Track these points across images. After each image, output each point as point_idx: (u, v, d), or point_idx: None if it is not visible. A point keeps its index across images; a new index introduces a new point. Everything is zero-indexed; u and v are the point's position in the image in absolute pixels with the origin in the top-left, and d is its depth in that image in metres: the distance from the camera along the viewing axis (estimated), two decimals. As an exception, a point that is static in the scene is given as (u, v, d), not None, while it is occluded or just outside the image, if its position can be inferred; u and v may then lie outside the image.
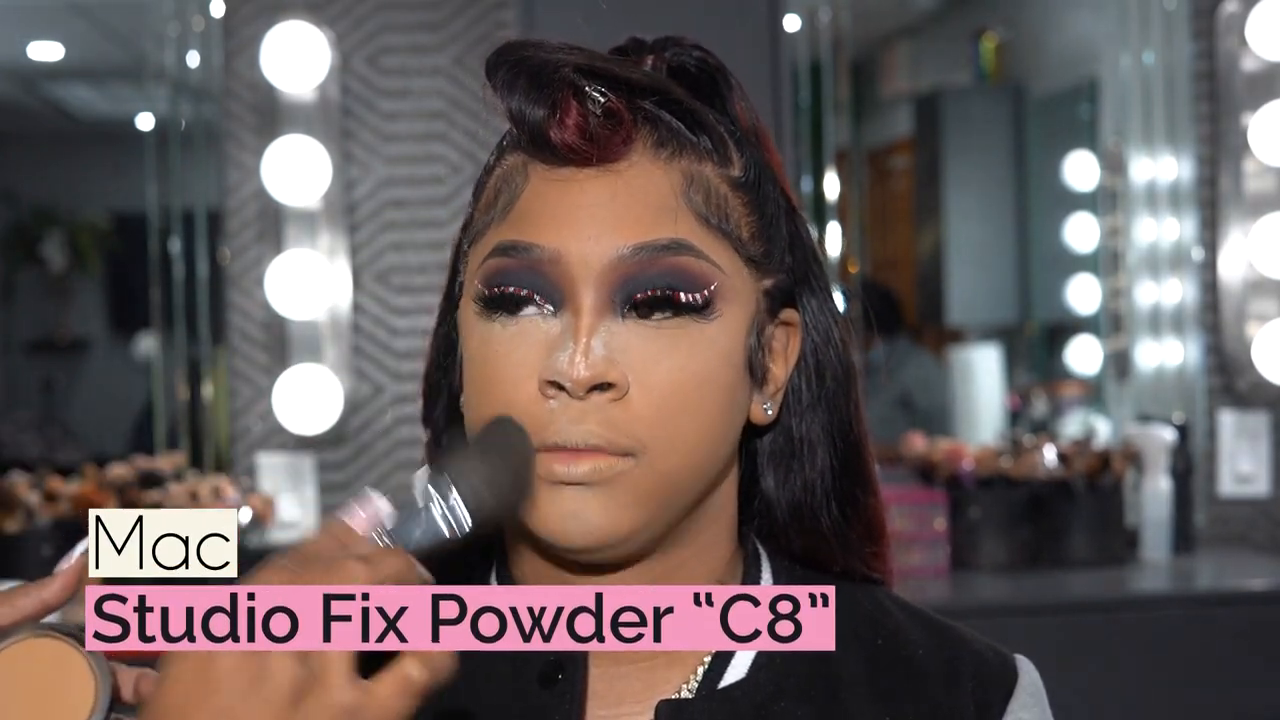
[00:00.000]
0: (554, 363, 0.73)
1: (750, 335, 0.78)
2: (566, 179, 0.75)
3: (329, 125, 2.84)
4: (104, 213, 3.63)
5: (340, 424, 2.83)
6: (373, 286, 2.89)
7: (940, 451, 2.86)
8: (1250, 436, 3.00)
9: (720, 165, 0.78)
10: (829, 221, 3.19)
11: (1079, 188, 3.58)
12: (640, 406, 0.73)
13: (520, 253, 0.75)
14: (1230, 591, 2.65)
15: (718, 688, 0.79)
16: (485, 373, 0.76)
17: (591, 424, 0.73)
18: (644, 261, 0.74)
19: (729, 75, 0.83)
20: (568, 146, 0.74)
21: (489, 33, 2.89)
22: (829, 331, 0.83)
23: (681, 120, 0.77)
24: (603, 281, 0.74)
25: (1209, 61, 3.03)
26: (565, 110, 0.74)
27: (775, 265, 0.80)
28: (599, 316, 0.74)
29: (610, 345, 0.73)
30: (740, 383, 0.78)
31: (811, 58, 3.19)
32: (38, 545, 2.63)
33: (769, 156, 0.83)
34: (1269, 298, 2.98)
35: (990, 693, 0.81)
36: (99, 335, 3.67)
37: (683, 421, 0.74)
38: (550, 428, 0.73)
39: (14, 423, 3.52)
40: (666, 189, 0.75)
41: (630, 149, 0.75)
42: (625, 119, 0.75)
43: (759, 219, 0.79)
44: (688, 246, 0.74)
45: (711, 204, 0.76)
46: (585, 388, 0.72)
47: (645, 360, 0.74)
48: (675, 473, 0.75)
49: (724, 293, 0.76)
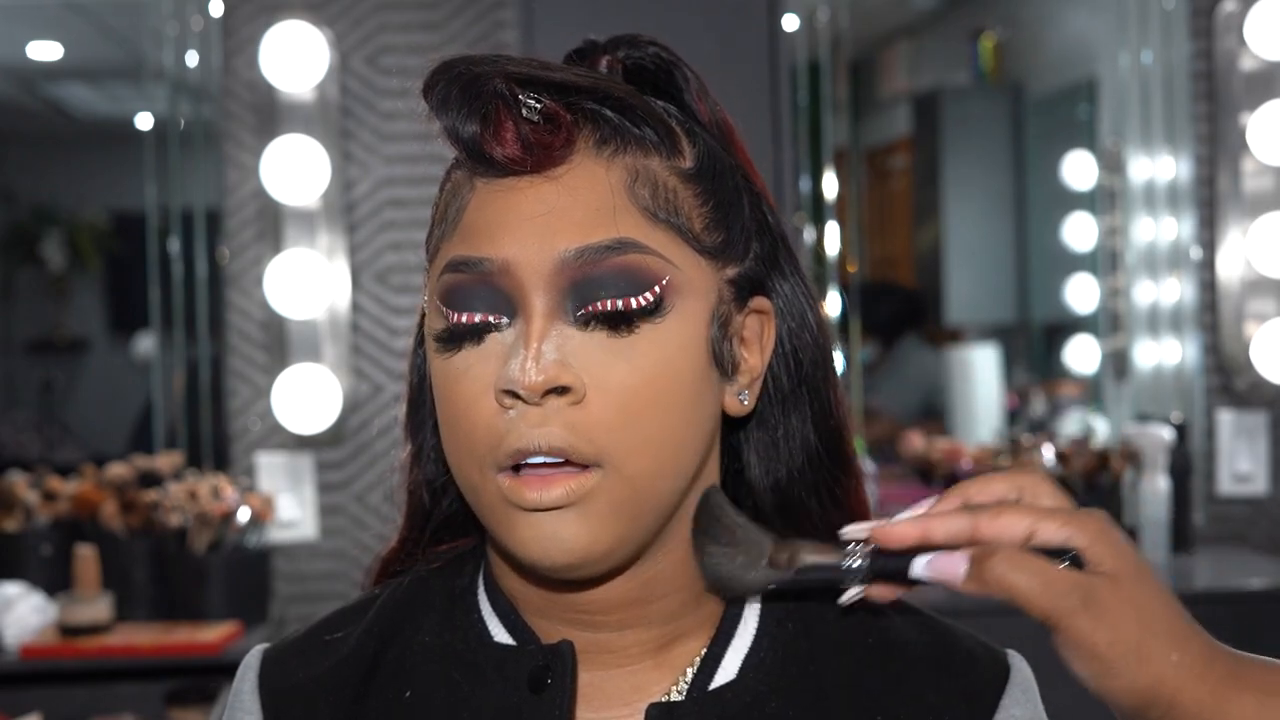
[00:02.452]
0: (507, 371, 0.72)
1: (712, 326, 0.77)
2: (509, 188, 0.75)
3: (328, 125, 2.84)
4: (103, 212, 3.63)
5: (339, 423, 2.83)
6: (372, 286, 2.89)
7: (938, 451, 2.86)
8: (1248, 436, 3.01)
9: (668, 158, 0.77)
10: (827, 221, 3.19)
11: (1077, 187, 3.58)
12: (600, 410, 0.73)
13: (470, 267, 0.75)
14: (1229, 591, 2.65)
15: (708, 689, 0.79)
16: (448, 393, 0.76)
17: (553, 427, 0.72)
18: (588, 263, 0.73)
19: (686, 69, 0.83)
20: (505, 157, 0.74)
21: (489, 33, 2.89)
22: (804, 317, 0.83)
23: (624, 115, 0.76)
24: (551, 286, 0.73)
25: (1207, 61, 3.03)
26: (498, 122, 0.74)
27: (738, 254, 0.79)
28: (550, 321, 0.73)
29: (563, 349, 0.73)
30: (704, 376, 0.77)
31: (810, 57, 3.19)
32: (36, 544, 2.63)
33: (734, 147, 0.83)
34: (1267, 297, 2.99)
35: (982, 689, 0.81)
36: (98, 335, 3.67)
37: (646, 422, 0.73)
38: (510, 435, 0.73)
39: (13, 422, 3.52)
40: (607, 188, 0.74)
41: (572, 151, 0.75)
42: (563, 121, 0.74)
43: (714, 209, 0.78)
44: (632, 244, 0.74)
45: (659, 198, 0.76)
46: (539, 392, 0.72)
47: (601, 363, 0.73)
48: (646, 476, 0.74)
49: (676, 287, 0.75)
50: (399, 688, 0.81)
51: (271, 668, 0.85)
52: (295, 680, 0.83)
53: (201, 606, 2.53)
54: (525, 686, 0.78)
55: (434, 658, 0.82)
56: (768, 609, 0.82)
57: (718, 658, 0.80)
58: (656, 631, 0.80)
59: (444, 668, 0.81)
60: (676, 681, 0.80)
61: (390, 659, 0.82)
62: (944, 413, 3.55)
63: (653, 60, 0.83)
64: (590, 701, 0.80)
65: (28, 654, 2.39)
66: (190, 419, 3.00)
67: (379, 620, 0.84)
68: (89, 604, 2.43)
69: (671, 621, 0.80)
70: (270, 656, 0.86)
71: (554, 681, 0.78)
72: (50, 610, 2.48)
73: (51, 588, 2.54)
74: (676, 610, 0.80)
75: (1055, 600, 0.67)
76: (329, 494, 2.88)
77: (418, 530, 0.88)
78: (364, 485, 2.88)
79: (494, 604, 0.83)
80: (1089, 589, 0.67)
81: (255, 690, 0.84)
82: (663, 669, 0.80)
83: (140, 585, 2.57)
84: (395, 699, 0.81)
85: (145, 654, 2.41)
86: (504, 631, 0.81)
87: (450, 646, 0.82)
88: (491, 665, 0.80)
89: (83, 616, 2.43)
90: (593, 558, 0.74)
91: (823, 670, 0.80)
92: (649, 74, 0.83)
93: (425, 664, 0.82)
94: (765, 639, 0.81)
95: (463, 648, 0.81)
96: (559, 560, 0.74)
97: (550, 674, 0.78)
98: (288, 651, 0.86)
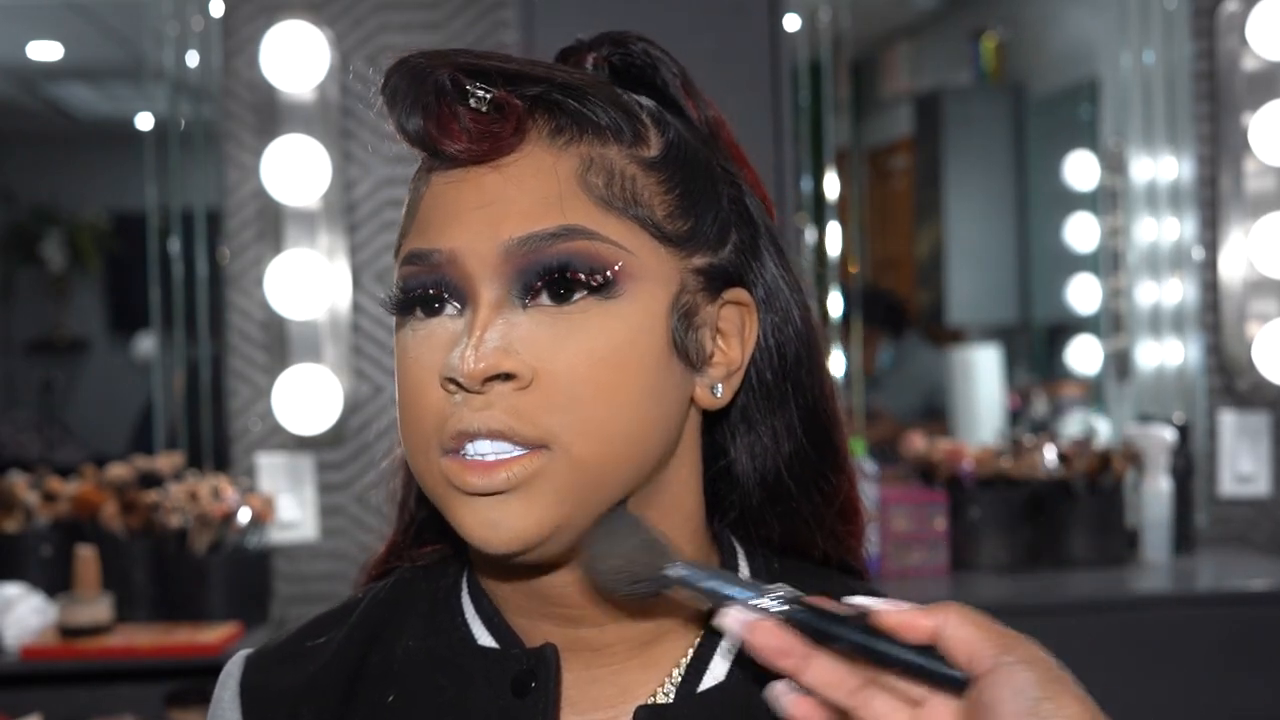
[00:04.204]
0: (449, 360, 0.73)
1: (673, 316, 0.76)
2: (459, 180, 0.75)
3: (328, 125, 2.83)
4: (103, 212, 3.63)
5: (340, 424, 2.83)
6: (372, 286, 2.89)
7: (940, 451, 2.86)
8: (1250, 436, 3.00)
9: (630, 146, 0.77)
10: (829, 221, 3.19)
11: (1079, 187, 3.57)
12: (547, 393, 0.72)
13: (422, 259, 0.75)
14: (1230, 592, 2.65)
15: (696, 691, 0.79)
16: (400, 380, 0.77)
17: (495, 411, 0.72)
18: (534, 250, 0.73)
19: (672, 65, 0.83)
20: (452, 149, 0.74)
21: (489, 33, 2.89)
22: (788, 309, 0.82)
23: (582, 104, 0.76)
24: (497, 275, 0.73)
25: (1209, 61, 3.03)
26: (441, 114, 0.74)
27: (708, 244, 0.79)
28: (496, 310, 0.73)
29: (509, 336, 0.73)
30: (663, 365, 0.75)
31: (811, 57, 3.19)
32: (37, 545, 2.63)
33: (723, 141, 0.83)
34: (1269, 297, 2.98)
35: None
36: (98, 335, 3.66)
37: (596, 406, 0.72)
38: (453, 419, 0.73)
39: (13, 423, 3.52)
40: (556, 176, 0.74)
41: (523, 140, 0.75)
42: (514, 110, 0.74)
43: (680, 197, 0.77)
44: (580, 231, 0.73)
45: (615, 186, 0.75)
46: (479, 380, 0.71)
47: (549, 346, 0.73)
48: (594, 461, 0.73)
49: (630, 273, 0.74)
50: (383, 692, 0.81)
51: (253, 675, 0.84)
52: (278, 687, 0.83)
53: (202, 607, 2.53)
54: (509, 691, 0.78)
55: (418, 662, 0.81)
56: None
57: (705, 659, 0.80)
58: (639, 627, 0.79)
59: (428, 672, 0.81)
60: (663, 683, 0.79)
61: (374, 663, 0.82)
62: (946, 413, 3.55)
63: (638, 57, 0.83)
64: (576, 704, 0.79)
65: (28, 655, 2.39)
66: (190, 419, 3.00)
67: (362, 625, 0.84)
68: (89, 605, 2.43)
69: (652, 615, 0.79)
70: (252, 663, 0.85)
71: (538, 685, 0.77)
72: (50, 611, 2.48)
73: (52, 589, 2.54)
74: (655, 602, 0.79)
75: None
76: (329, 495, 2.88)
77: (403, 534, 0.88)
78: (364, 486, 2.87)
79: (477, 606, 0.82)
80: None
81: (236, 698, 0.84)
82: (649, 669, 0.80)
83: (140, 586, 2.57)
84: (379, 704, 0.80)
85: (145, 655, 2.40)
86: (487, 634, 0.81)
87: (434, 650, 0.81)
88: (475, 669, 0.79)
89: (83, 617, 2.42)
90: (535, 542, 0.73)
91: None
92: (635, 70, 0.83)
93: (409, 668, 0.81)
94: None
95: (446, 652, 0.81)
96: (500, 547, 0.73)
97: (534, 678, 0.78)
98: (270, 658, 0.85)
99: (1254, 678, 2.48)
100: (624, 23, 0.88)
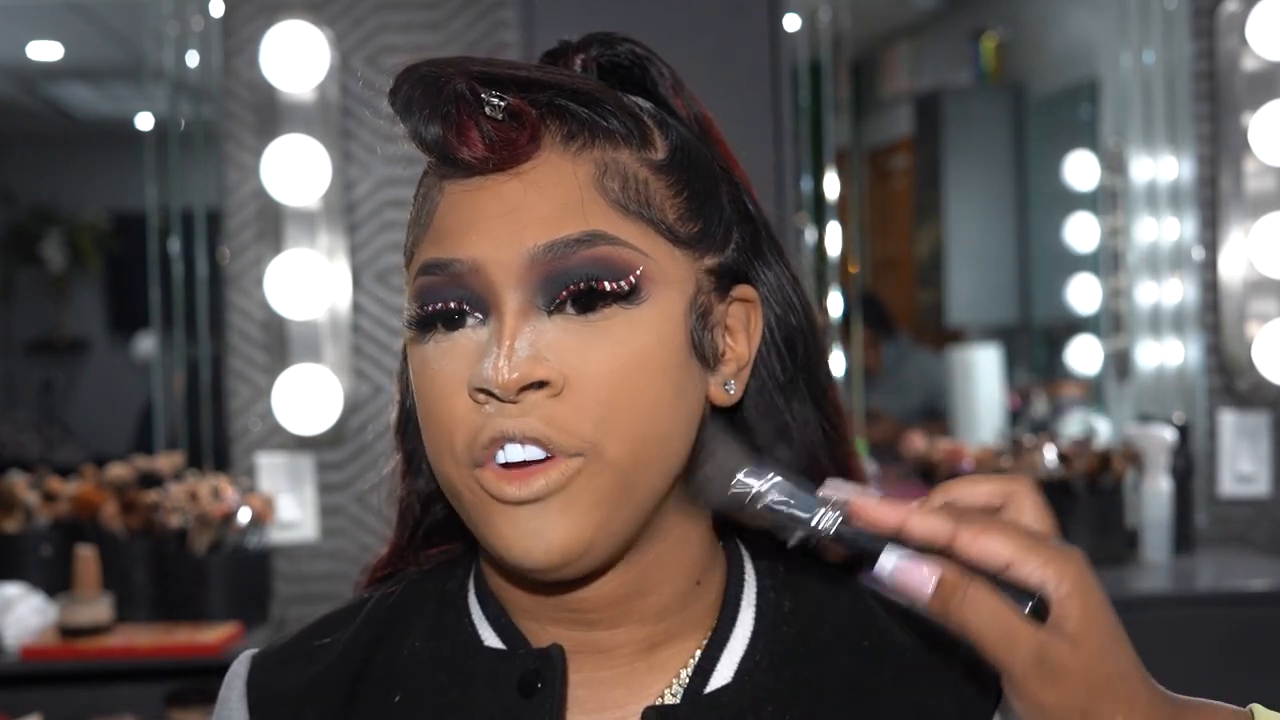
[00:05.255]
0: (480, 370, 0.72)
1: (691, 316, 0.77)
2: (477, 188, 0.75)
3: (328, 125, 2.83)
4: (103, 212, 3.63)
5: (340, 424, 2.83)
6: (372, 286, 2.89)
7: (940, 451, 2.86)
8: (1251, 436, 3.00)
9: (639, 150, 0.77)
10: (829, 221, 3.19)
11: (1079, 187, 3.57)
12: (580, 400, 0.72)
13: (442, 269, 0.74)
14: (1230, 592, 2.65)
15: (703, 692, 0.78)
16: (424, 392, 0.76)
17: (532, 419, 0.72)
18: (559, 257, 0.73)
19: (660, 64, 0.83)
20: (470, 157, 0.74)
21: (489, 33, 2.89)
22: (789, 302, 0.83)
23: (592, 109, 0.76)
24: (522, 283, 0.73)
25: (1209, 61, 3.03)
26: (461, 122, 0.74)
27: (716, 244, 0.79)
28: (522, 318, 0.73)
29: (537, 344, 0.72)
30: (684, 365, 0.76)
31: (811, 57, 3.19)
32: (37, 545, 2.63)
33: (712, 139, 0.83)
34: (1269, 297, 2.98)
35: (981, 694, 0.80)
36: (98, 335, 3.67)
37: (627, 410, 0.73)
38: (488, 425, 0.72)
39: (13, 423, 3.52)
40: (576, 182, 0.74)
41: (538, 147, 0.75)
42: (529, 118, 0.74)
43: (689, 200, 0.78)
44: (602, 236, 0.73)
45: (630, 190, 0.75)
46: (514, 390, 0.71)
47: (577, 353, 0.73)
48: (627, 464, 0.73)
49: (651, 277, 0.74)
50: (388, 693, 0.81)
51: (259, 674, 0.84)
52: (283, 687, 0.83)
53: (202, 607, 2.53)
54: (515, 692, 0.78)
55: (424, 662, 0.81)
56: (762, 610, 0.81)
57: (713, 660, 0.80)
58: (649, 629, 0.79)
59: (434, 673, 0.81)
60: (671, 684, 0.79)
61: (379, 664, 0.82)
62: (946, 413, 3.55)
63: (626, 57, 0.83)
64: (583, 705, 0.79)
65: (28, 655, 2.39)
66: (190, 419, 3.00)
67: (368, 625, 0.84)
68: (89, 605, 2.43)
69: (663, 619, 0.79)
70: (258, 663, 0.85)
71: (544, 686, 0.77)
72: (50, 611, 2.48)
73: (52, 589, 2.54)
74: (668, 605, 0.79)
75: (1011, 654, 0.69)
76: (329, 495, 2.88)
77: (408, 538, 0.87)
78: (364, 486, 2.87)
79: (484, 607, 0.82)
80: (1045, 650, 0.69)
81: (243, 697, 0.84)
82: (656, 671, 0.80)
83: (140, 586, 2.57)
84: (384, 704, 0.80)
85: (145, 655, 2.40)
86: (494, 635, 0.81)
87: (440, 651, 0.81)
88: (481, 670, 0.79)
89: (83, 617, 2.42)
90: (576, 553, 0.73)
91: (819, 673, 0.80)
92: (623, 70, 0.83)
93: (415, 669, 0.81)
94: (761, 641, 0.80)
95: (452, 652, 0.81)
96: (540, 560, 0.73)
97: (540, 679, 0.78)
98: (275, 658, 0.85)
99: (1254, 678, 2.48)
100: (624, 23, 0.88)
